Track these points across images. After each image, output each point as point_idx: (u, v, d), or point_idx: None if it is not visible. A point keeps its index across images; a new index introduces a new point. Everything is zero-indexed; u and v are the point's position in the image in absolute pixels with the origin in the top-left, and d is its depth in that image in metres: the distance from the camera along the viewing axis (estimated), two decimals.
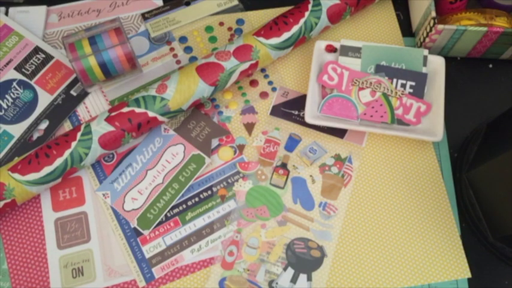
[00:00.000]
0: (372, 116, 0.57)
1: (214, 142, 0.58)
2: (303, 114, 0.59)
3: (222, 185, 0.56)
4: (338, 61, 0.59)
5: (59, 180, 0.53)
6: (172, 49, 0.63)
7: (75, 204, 0.55)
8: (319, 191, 0.56)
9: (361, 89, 0.58)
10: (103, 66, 0.56)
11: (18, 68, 0.60)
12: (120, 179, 0.56)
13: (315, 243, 0.54)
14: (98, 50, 0.55)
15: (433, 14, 0.58)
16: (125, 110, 0.53)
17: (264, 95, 0.61)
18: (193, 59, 0.63)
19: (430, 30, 0.58)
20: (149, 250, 0.53)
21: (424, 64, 0.58)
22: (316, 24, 0.59)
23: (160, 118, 0.54)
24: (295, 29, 0.58)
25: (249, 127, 0.59)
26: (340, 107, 0.57)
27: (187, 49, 0.63)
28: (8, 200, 0.51)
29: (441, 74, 0.58)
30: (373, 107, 0.57)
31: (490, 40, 0.58)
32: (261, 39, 0.57)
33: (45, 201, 0.55)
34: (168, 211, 0.55)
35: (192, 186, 0.56)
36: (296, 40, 0.58)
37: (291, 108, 0.60)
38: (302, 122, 0.59)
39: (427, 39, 0.59)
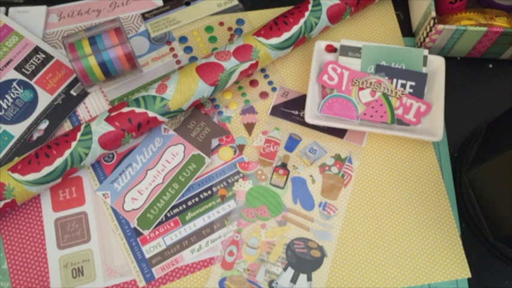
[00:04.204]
0: (372, 116, 0.57)
1: (214, 142, 0.58)
2: (303, 114, 0.59)
3: (222, 185, 0.56)
4: (338, 61, 0.59)
5: (59, 180, 0.53)
6: (172, 49, 0.63)
7: (75, 204, 0.55)
8: (319, 191, 0.56)
9: (361, 89, 0.58)
10: (103, 66, 0.56)
11: (18, 68, 0.60)
12: (120, 179, 0.56)
13: (315, 243, 0.54)
14: (98, 50, 0.55)
15: (433, 14, 0.58)
16: (125, 110, 0.53)
17: (264, 95, 0.61)
18: (193, 59, 0.63)
19: (430, 30, 0.58)
20: (149, 250, 0.53)
21: (424, 64, 0.58)
22: (316, 24, 0.59)
23: (160, 118, 0.54)
24: (295, 29, 0.58)
25: (249, 127, 0.59)
26: (340, 107, 0.57)
27: (187, 49, 0.63)
28: (8, 200, 0.51)
29: (441, 74, 0.58)
30: (373, 107, 0.57)
31: (490, 40, 0.58)
32: (261, 39, 0.57)
33: (45, 201, 0.55)
34: (168, 211, 0.55)
35: (192, 186, 0.56)
36: (296, 40, 0.58)
37: (291, 108, 0.60)
38: (302, 122, 0.59)
39: (427, 39, 0.59)
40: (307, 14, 0.58)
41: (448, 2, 0.60)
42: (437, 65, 0.58)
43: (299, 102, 0.60)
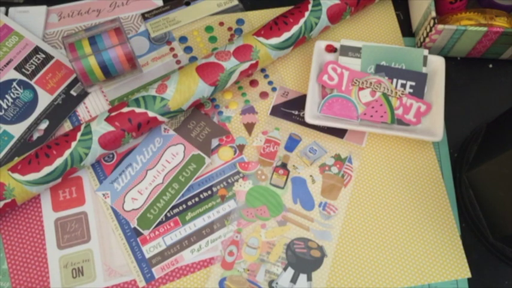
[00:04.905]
0: (372, 116, 0.57)
1: (214, 142, 0.58)
2: (303, 114, 0.59)
3: (222, 185, 0.56)
4: (338, 61, 0.59)
5: (59, 180, 0.53)
6: (172, 49, 0.63)
7: (75, 204, 0.55)
8: (319, 191, 0.56)
9: (361, 89, 0.58)
10: (103, 66, 0.56)
11: (18, 68, 0.60)
12: (120, 179, 0.56)
13: (315, 243, 0.54)
14: (98, 50, 0.55)
15: (433, 14, 0.58)
16: (125, 110, 0.53)
17: (264, 95, 0.61)
18: (193, 59, 0.63)
19: (430, 30, 0.58)
20: (149, 250, 0.53)
21: (424, 64, 0.58)
22: (316, 24, 0.59)
23: (160, 118, 0.54)
24: (295, 29, 0.58)
25: (249, 127, 0.59)
26: (340, 107, 0.57)
27: (187, 49, 0.63)
28: (8, 200, 0.51)
29: (441, 74, 0.58)
30: (373, 107, 0.57)
31: (490, 40, 0.58)
32: (261, 39, 0.57)
33: (45, 201, 0.55)
34: (168, 211, 0.55)
35: (192, 186, 0.56)
36: (296, 40, 0.58)
37: (291, 108, 0.60)
38: (302, 122, 0.59)
39: (427, 39, 0.59)
40: (307, 14, 0.58)
41: (448, 2, 0.60)
42: (437, 65, 0.58)
43: (299, 102, 0.60)
